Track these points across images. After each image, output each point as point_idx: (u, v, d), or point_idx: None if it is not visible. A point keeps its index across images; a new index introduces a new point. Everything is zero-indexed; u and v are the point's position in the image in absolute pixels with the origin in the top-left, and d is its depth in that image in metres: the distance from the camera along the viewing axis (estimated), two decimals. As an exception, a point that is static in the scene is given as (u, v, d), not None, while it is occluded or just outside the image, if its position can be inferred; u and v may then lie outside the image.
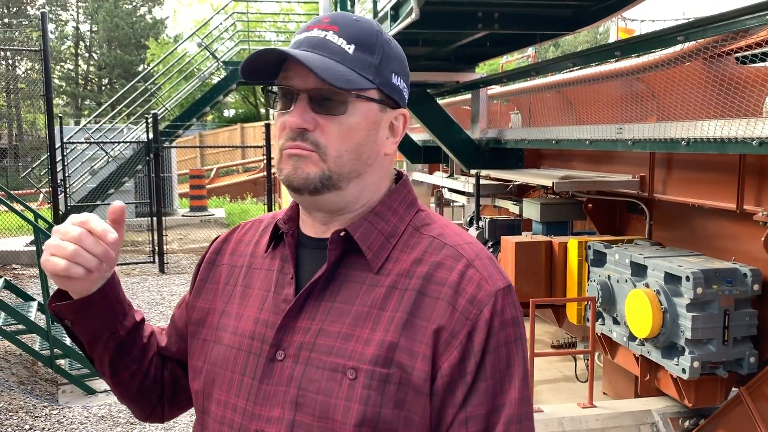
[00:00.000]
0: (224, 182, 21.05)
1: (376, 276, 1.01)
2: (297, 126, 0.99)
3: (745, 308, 3.42)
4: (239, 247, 1.18)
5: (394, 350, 0.96)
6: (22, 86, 13.26)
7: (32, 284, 8.99)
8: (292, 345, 1.01)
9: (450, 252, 1.01)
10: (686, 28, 3.39)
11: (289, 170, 1.01)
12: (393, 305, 0.99)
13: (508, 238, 4.77)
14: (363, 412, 0.94)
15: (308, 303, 1.02)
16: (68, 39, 36.03)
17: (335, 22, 1.02)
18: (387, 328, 0.97)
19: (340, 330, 0.99)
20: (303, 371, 0.99)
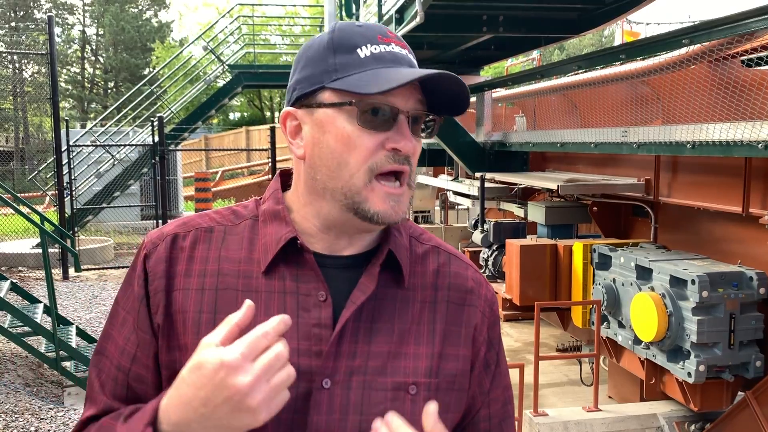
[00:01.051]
0: (229, 185, 21.08)
1: (405, 291, 1.03)
2: (411, 151, 0.96)
3: (751, 312, 3.40)
4: (194, 266, 1.00)
5: (440, 360, 1.01)
6: (28, 89, 13.31)
7: (38, 287, 9.02)
8: (338, 371, 0.95)
9: (457, 261, 1.10)
10: (692, 31, 3.38)
11: (387, 209, 0.95)
12: (428, 317, 1.03)
13: (513, 241, 4.76)
14: None
15: (346, 326, 0.97)
16: (74, 42, 36.20)
17: (400, 39, 1.00)
18: (431, 341, 1.02)
19: (388, 349, 0.99)
20: (361, 396, 0.95)
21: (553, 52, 27.87)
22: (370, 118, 0.94)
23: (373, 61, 0.94)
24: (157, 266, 1.00)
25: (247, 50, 15.36)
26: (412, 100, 0.96)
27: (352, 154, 0.95)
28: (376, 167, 0.94)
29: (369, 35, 0.97)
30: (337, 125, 0.95)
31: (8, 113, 18.98)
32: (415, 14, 4.38)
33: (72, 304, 8.40)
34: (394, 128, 0.95)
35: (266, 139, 11.29)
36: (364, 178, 0.95)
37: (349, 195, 0.95)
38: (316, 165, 0.98)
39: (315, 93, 0.97)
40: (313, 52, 0.98)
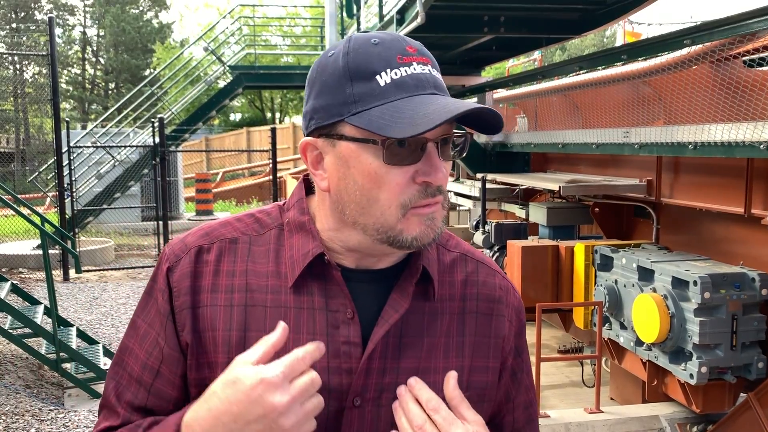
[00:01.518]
0: (230, 186, 21.09)
1: (433, 304, 1.01)
2: (444, 181, 0.91)
3: (753, 313, 3.39)
4: (220, 280, 0.97)
5: (470, 373, 1.01)
6: (29, 90, 13.32)
7: (39, 288, 9.02)
8: (369, 388, 0.95)
9: (485, 269, 1.09)
10: (693, 31, 3.38)
11: (424, 230, 0.91)
12: (457, 329, 1.02)
13: (514, 242, 4.75)
14: None
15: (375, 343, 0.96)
16: (75, 43, 36.23)
17: (422, 53, 0.92)
18: (460, 354, 1.01)
19: (417, 366, 0.98)
20: (392, 413, 0.95)
21: (555, 52, 27.86)
22: (397, 151, 0.88)
23: (394, 89, 0.88)
24: (181, 282, 0.97)
25: (248, 51, 15.37)
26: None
27: (381, 191, 0.90)
28: (409, 202, 0.90)
29: (387, 56, 0.89)
30: (362, 161, 0.90)
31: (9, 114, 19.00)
32: (416, 15, 4.38)
33: (72, 305, 8.39)
34: (423, 158, 0.89)
35: (267, 140, 11.30)
36: (398, 213, 0.90)
37: (383, 230, 0.91)
38: (343, 200, 0.93)
39: (335, 124, 0.91)
40: (328, 77, 0.91)
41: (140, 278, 10.22)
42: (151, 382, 0.98)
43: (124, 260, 11.69)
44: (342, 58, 0.90)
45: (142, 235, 13.89)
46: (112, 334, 7.12)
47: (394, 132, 0.84)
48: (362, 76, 0.88)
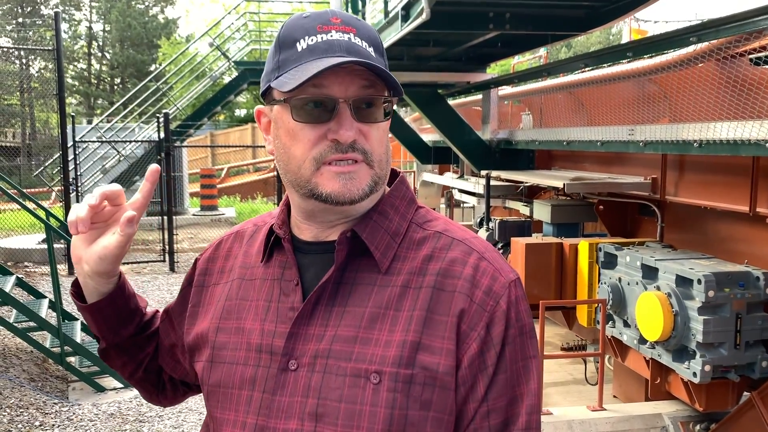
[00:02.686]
0: (235, 182, 21.11)
1: (386, 276, 0.99)
2: (351, 139, 0.95)
3: (757, 312, 3.38)
4: (227, 263, 1.15)
5: (416, 350, 0.94)
6: (35, 85, 13.35)
7: (44, 282, 9.05)
8: (306, 353, 0.97)
9: (461, 246, 1.01)
10: (699, 29, 3.36)
11: (338, 187, 0.96)
12: (409, 304, 0.97)
13: (518, 239, 4.75)
14: (390, 416, 0.92)
15: (318, 309, 0.99)
16: (81, 38, 36.28)
17: (349, 23, 0.99)
18: (407, 328, 0.95)
19: (356, 334, 0.96)
20: (321, 380, 0.95)
21: (560, 49, 27.79)
22: (310, 110, 0.96)
23: (307, 53, 0.95)
24: (202, 264, 1.19)
25: (253, 47, 15.38)
26: (354, 86, 0.96)
27: (296, 147, 0.98)
28: (320, 157, 0.97)
29: (309, 26, 0.97)
30: (284, 120, 0.99)
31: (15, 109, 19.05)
32: (421, 11, 4.36)
33: (77, 299, 8.42)
34: (335, 118, 0.96)
35: (272, 135, 11.26)
36: (311, 167, 0.97)
37: (302, 185, 0.99)
38: (278, 159, 1.03)
39: (269, 91, 1.01)
40: (270, 50, 1.02)
41: (145, 273, 10.24)
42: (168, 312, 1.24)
43: (129, 255, 11.72)
44: (278, 33, 1.02)
45: (147, 230, 13.92)
46: (117, 328, 7.14)
47: (285, 87, 0.94)
48: (286, 45, 0.98)
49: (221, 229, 14.52)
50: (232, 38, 15.42)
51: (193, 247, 12.56)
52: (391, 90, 0.99)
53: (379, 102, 0.98)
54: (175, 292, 8.83)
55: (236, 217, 16.34)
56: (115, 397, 5.23)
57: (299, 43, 0.96)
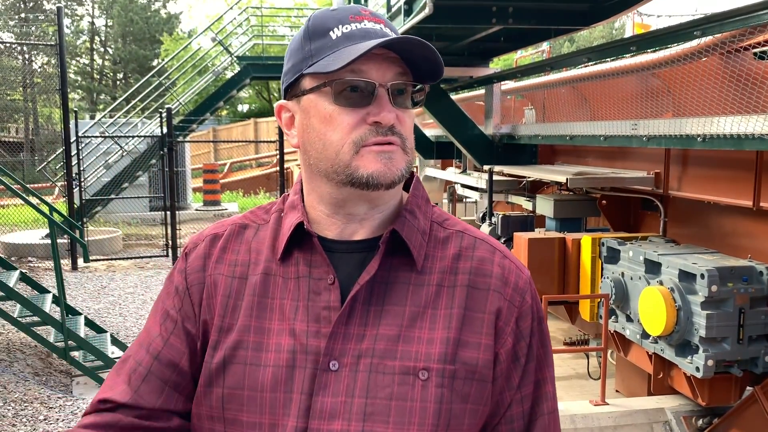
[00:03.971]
0: (237, 177, 21.12)
1: (420, 275, 1.01)
2: (393, 122, 0.97)
3: (760, 306, 3.38)
4: (226, 256, 1.07)
5: (457, 346, 0.98)
6: (38, 81, 13.36)
7: (47, 276, 9.08)
8: (347, 353, 0.97)
9: (484, 246, 1.06)
10: (703, 23, 3.35)
11: (380, 167, 0.96)
12: (446, 302, 1.00)
13: (521, 234, 4.75)
14: (438, 410, 0.95)
15: (355, 308, 0.99)
16: (83, 34, 36.27)
17: (377, 15, 1.02)
18: (447, 326, 0.99)
19: (398, 333, 0.98)
20: (368, 379, 0.96)
21: (563, 44, 27.71)
22: (348, 95, 0.97)
23: (344, 40, 0.97)
24: (194, 262, 1.08)
25: (256, 42, 15.35)
26: (390, 72, 0.98)
27: (335, 132, 0.98)
28: (360, 140, 0.97)
29: (341, 16, 1.00)
30: (318, 108, 0.99)
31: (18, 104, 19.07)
32: (424, 5, 4.36)
33: (81, 294, 8.45)
34: (374, 102, 0.97)
35: (274, 130, 11.31)
36: (350, 150, 0.97)
37: (340, 170, 0.98)
38: (307, 150, 1.02)
39: (298, 82, 1.02)
40: (294, 44, 1.03)
41: (148, 268, 10.27)
42: (159, 350, 1.05)
43: (132, 250, 11.75)
44: (304, 26, 1.03)
45: (150, 225, 13.94)
46: (120, 323, 7.16)
47: (332, 67, 0.94)
48: (318, 35, 0.99)
49: (224, 224, 14.50)
50: (235, 33, 15.40)
51: (196, 242, 12.57)
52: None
53: (410, 90, 1.00)
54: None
55: (239, 212, 16.34)
56: (118, 392, 5.25)
57: (333, 31, 0.98)
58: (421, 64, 0.99)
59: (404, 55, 0.97)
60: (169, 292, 1.09)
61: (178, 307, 1.06)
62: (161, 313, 1.08)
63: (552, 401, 1.06)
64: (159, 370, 1.04)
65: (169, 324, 1.06)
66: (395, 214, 1.05)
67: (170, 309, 1.07)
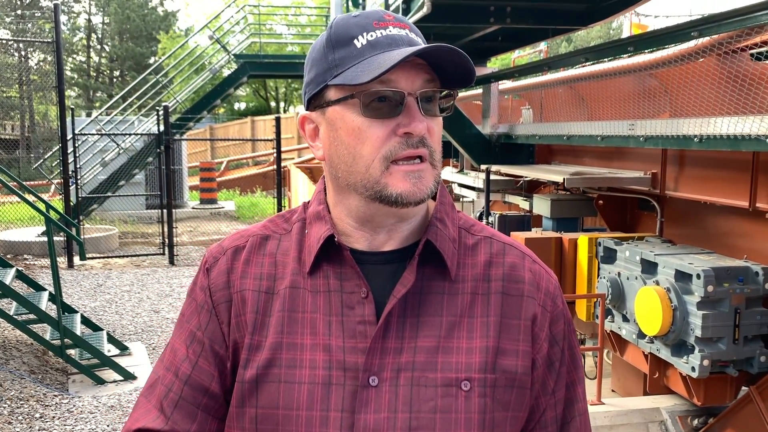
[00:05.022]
0: (234, 175, 21.10)
1: (453, 284, 0.99)
2: (424, 132, 0.94)
3: (756, 307, 3.39)
4: (250, 269, 1.03)
5: (497, 354, 0.97)
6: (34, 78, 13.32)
7: (43, 274, 9.06)
8: (385, 368, 0.94)
9: (513, 251, 1.05)
10: (700, 23, 3.35)
11: (409, 187, 0.94)
12: (481, 310, 0.99)
13: (518, 234, 4.75)
14: (482, 420, 0.94)
15: (391, 321, 0.96)
16: (80, 31, 36.18)
17: (401, 20, 0.98)
18: (485, 334, 0.98)
19: (437, 344, 0.96)
20: (410, 393, 0.94)
21: (561, 44, 27.74)
22: (377, 106, 0.93)
23: (369, 48, 0.93)
24: (218, 278, 1.03)
25: (253, 40, 15.34)
26: (419, 80, 0.94)
27: (364, 146, 0.94)
28: (390, 154, 0.94)
29: (364, 23, 0.96)
30: (346, 120, 0.95)
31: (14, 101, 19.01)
32: (422, 4, 4.36)
33: (77, 292, 8.43)
34: (403, 112, 0.93)
35: (271, 129, 11.28)
36: (380, 166, 0.94)
37: (369, 186, 0.95)
38: (335, 163, 0.99)
39: (322, 93, 0.98)
40: (316, 53, 0.99)
41: (144, 266, 10.25)
42: (188, 374, 1.02)
43: (129, 248, 11.73)
44: (326, 33, 0.99)
45: (147, 223, 13.93)
46: (116, 320, 7.16)
47: (361, 78, 0.90)
48: (342, 43, 0.95)
49: (220, 222, 14.53)
50: (232, 31, 15.39)
51: (193, 240, 12.57)
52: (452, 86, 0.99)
53: (437, 97, 0.97)
54: (175, 285, 8.85)
55: (235, 210, 16.34)
56: (115, 390, 5.25)
57: (357, 39, 0.95)
58: (449, 68, 0.95)
59: (432, 60, 0.94)
60: (194, 311, 1.05)
61: (204, 328, 1.03)
62: (187, 333, 1.04)
63: (582, 402, 1.06)
64: (190, 395, 1.01)
65: (197, 346, 1.02)
66: (423, 223, 1.03)
67: (196, 330, 1.03)
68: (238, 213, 16.17)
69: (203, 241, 12.55)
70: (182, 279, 9.28)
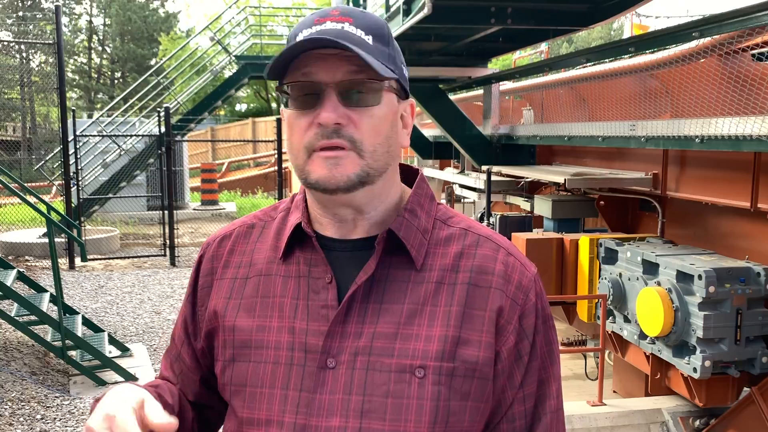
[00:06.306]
0: (235, 176, 21.10)
1: (419, 273, 1.01)
2: (333, 122, 0.95)
3: (758, 307, 3.39)
4: (233, 258, 1.11)
5: (456, 344, 0.97)
6: (35, 79, 13.34)
7: (45, 276, 9.06)
8: (344, 351, 0.98)
9: (488, 243, 1.05)
10: (702, 24, 3.35)
11: (325, 173, 0.96)
12: (446, 300, 0.99)
13: (518, 234, 4.75)
14: (435, 408, 0.95)
15: (353, 307, 0.99)
16: (81, 32, 36.22)
17: (347, 14, 0.99)
18: (446, 323, 0.98)
19: (396, 331, 0.98)
20: (365, 377, 0.96)
21: (562, 44, 27.73)
22: (301, 98, 0.98)
23: (292, 46, 0.95)
24: (206, 265, 1.13)
25: (254, 41, 15.34)
26: (341, 71, 0.96)
27: (294, 137, 1.00)
28: (310, 145, 0.97)
29: (309, 21, 1.00)
30: (284, 113, 1.02)
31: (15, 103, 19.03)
32: (423, 5, 4.35)
33: (78, 293, 8.44)
34: (320, 104, 0.96)
35: (272, 130, 11.30)
36: (304, 155, 0.98)
37: (300, 174, 1.00)
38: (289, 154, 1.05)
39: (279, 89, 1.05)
40: None
41: (145, 267, 10.26)
42: (179, 348, 1.17)
43: (130, 249, 11.74)
44: None
45: (148, 225, 13.93)
46: (117, 322, 7.16)
47: (266, 75, 0.98)
48: (289, 41, 1.00)
49: (222, 223, 14.53)
50: (233, 33, 15.40)
51: (194, 241, 12.57)
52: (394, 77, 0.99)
53: (370, 87, 0.97)
54: (176, 287, 8.86)
55: (237, 211, 16.35)
56: (116, 391, 5.24)
57: (297, 37, 0.98)
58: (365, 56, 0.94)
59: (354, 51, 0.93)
60: (186, 297, 1.16)
61: (191, 314, 1.14)
62: (181, 317, 1.17)
63: (556, 400, 1.05)
64: (187, 372, 1.16)
65: (183, 333, 1.16)
66: (395, 212, 1.04)
67: (186, 315, 1.15)
68: (240, 214, 16.17)
69: (204, 242, 12.54)
70: (183, 280, 9.28)
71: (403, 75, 1.04)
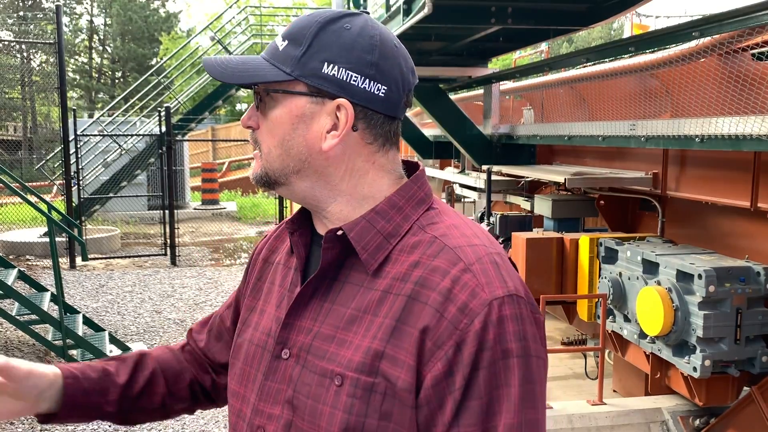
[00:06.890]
0: (236, 176, 21.11)
1: (373, 279, 0.96)
2: (245, 125, 1.05)
3: (758, 307, 3.39)
4: (275, 243, 1.21)
5: (379, 359, 0.91)
6: (36, 79, 13.35)
7: (46, 275, 9.07)
8: (296, 344, 1.01)
9: (448, 255, 0.93)
10: (701, 23, 3.35)
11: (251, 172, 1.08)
12: (385, 311, 0.93)
13: (518, 234, 4.75)
14: (346, 421, 0.90)
15: (313, 303, 1.01)
16: (82, 32, 36.22)
17: (286, 33, 1.05)
18: (375, 335, 0.92)
19: (335, 334, 0.96)
20: (300, 373, 0.98)
21: (562, 44, 27.73)
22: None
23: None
24: (254, 254, 1.24)
25: (255, 41, 15.34)
26: None
27: None
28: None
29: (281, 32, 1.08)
30: None
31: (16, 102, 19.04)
32: (423, 5, 4.35)
33: (79, 292, 8.44)
34: None
35: (273, 130, 11.26)
36: None
37: None
38: None
39: None
40: None
41: (146, 266, 10.26)
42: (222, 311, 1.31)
43: (131, 248, 11.74)
44: None
45: (148, 224, 13.94)
46: (118, 321, 7.16)
47: None
48: None
49: (222, 223, 14.55)
50: (234, 32, 15.41)
51: (194, 241, 12.58)
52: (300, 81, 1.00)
53: (264, 91, 1.02)
54: (177, 286, 8.86)
55: (237, 211, 16.35)
56: (116, 390, 5.25)
57: None
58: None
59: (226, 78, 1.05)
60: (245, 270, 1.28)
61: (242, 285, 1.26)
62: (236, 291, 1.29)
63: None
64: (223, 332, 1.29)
65: (233, 298, 1.29)
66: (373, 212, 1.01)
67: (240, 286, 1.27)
68: (240, 214, 16.17)
69: (205, 241, 12.56)
70: (184, 279, 9.29)
71: (321, 74, 0.97)
